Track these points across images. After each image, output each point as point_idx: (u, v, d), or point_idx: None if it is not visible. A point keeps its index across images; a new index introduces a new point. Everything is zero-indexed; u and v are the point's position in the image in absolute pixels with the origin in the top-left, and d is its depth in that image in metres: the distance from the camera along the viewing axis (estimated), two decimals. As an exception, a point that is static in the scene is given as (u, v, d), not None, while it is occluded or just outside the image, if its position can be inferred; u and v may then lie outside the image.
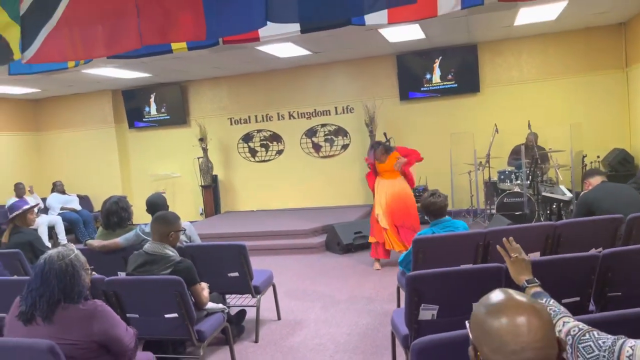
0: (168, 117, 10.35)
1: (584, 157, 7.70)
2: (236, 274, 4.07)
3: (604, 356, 1.32)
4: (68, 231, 9.11)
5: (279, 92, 9.79)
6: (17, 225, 4.62)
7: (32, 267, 2.48)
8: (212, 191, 9.96)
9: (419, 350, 1.86)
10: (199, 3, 2.25)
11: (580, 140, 8.10)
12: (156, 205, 4.26)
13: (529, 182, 7.11)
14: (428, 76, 8.97)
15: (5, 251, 4.37)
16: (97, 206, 9.66)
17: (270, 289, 4.55)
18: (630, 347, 1.29)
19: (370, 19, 2.41)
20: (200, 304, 3.38)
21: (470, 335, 1.15)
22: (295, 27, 2.40)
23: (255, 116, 10.02)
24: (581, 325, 1.45)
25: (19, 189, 9.01)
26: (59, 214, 9.28)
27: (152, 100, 10.37)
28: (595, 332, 1.41)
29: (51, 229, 8.92)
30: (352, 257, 6.71)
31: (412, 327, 2.80)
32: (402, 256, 4.00)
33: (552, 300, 1.64)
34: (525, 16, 6.96)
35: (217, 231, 8.03)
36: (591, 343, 1.37)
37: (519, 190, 7.19)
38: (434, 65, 8.90)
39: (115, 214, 4.22)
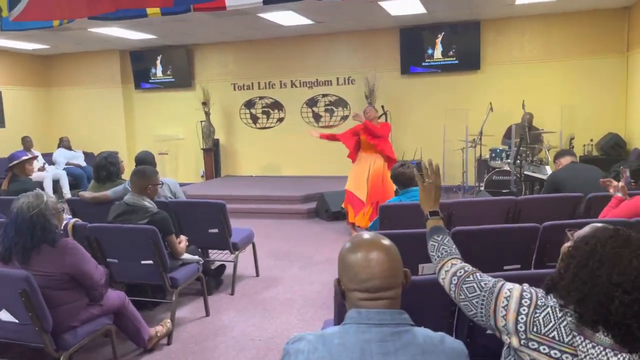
0: (173, 79, 10.53)
1: (571, 139, 7.80)
2: (216, 230, 4.34)
3: (484, 296, 1.46)
4: (73, 186, 9.44)
5: (282, 61, 9.91)
6: (16, 174, 4.91)
7: (8, 214, 2.72)
8: (212, 155, 10.21)
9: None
10: None
11: (573, 123, 8.19)
12: (144, 161, 4.50)
13: (514, 160, 7.24)
14: (430, 51, 9.02)
15: (4, 198, 4.67)
16: (102, 163, 10.00)
17: (250, 247, 4.82)
18: (509, 289, 1.44)
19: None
20: (176, 254, 3.65)
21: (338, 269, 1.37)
22: (259, -3, 2.57)
23: (259, 83, 10.17)
24: (467, 267, 1.60)
25: (26, 142, 9.35)
26: (64, 169, 9.61)
27: (158, 62, 10.55)
28: (478, 274, 1.55)
29: (56, 183, 9.26)
30: (339, 224, 6.95)
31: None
32: (371, 223, 4.23)
33: (448, 239, 1.74)
34: (526, -5, 6.98)
35: (214, 193, 8.27)
36: (474, 284, 1.51)
37: (508, 168, 7.34)
38: (437, 40, 8.94)
39: (104, 169, 4.48)
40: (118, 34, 8.88)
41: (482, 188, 7.71)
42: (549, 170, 6.86)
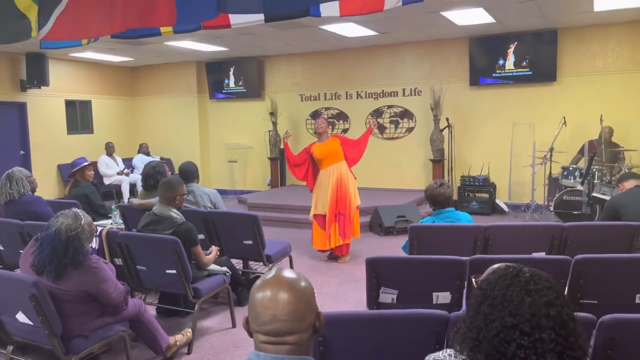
0: (244, 90, 10.86)
1: (657, 159, 7.03)
2: (250, 242, 4.37)
3: None
4: (148, 190, 9.98)
5: (348, 72, 9.88)
6: (77, 180, 5.27)
7: (46, 229, 2.79)
8: (278, 164, 10.39)
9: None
10: None
11: (663, 140, 7.39)
12: (186, 172, 4.64)
13: (582, 180, 6.66)
14: (501, 62, 8.57)
15: (65, 201, 5.03)
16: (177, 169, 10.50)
17: (287, 259, 4.81)
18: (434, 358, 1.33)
19: (325, 10, 2.48)
20: (201, 264, 3.71)
21: (249, 306, 1.29)
22: (260, 16, 2.56)
23: (325, 94, 10.21)
24: None
25: (109, 147, 10.06)
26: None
27: (231, 73, 10.94)
28: None
29: (133, 186, 9.87)
30: (392, 239, 6.77)
31: (373, 308, 2.91)
32: (404, 243, 4.05)
33: None
34: (605, 2, 6.41)
35: (273, 202, 8.41)
36: None
37: (581, 188, 6.77)
38: (509, 50, 8.48)
39: (152, 177, 4.68)
40: (192, 46, 9.31)
41: (552, 208, 7.18)
42: (625, 192, 6.23)
